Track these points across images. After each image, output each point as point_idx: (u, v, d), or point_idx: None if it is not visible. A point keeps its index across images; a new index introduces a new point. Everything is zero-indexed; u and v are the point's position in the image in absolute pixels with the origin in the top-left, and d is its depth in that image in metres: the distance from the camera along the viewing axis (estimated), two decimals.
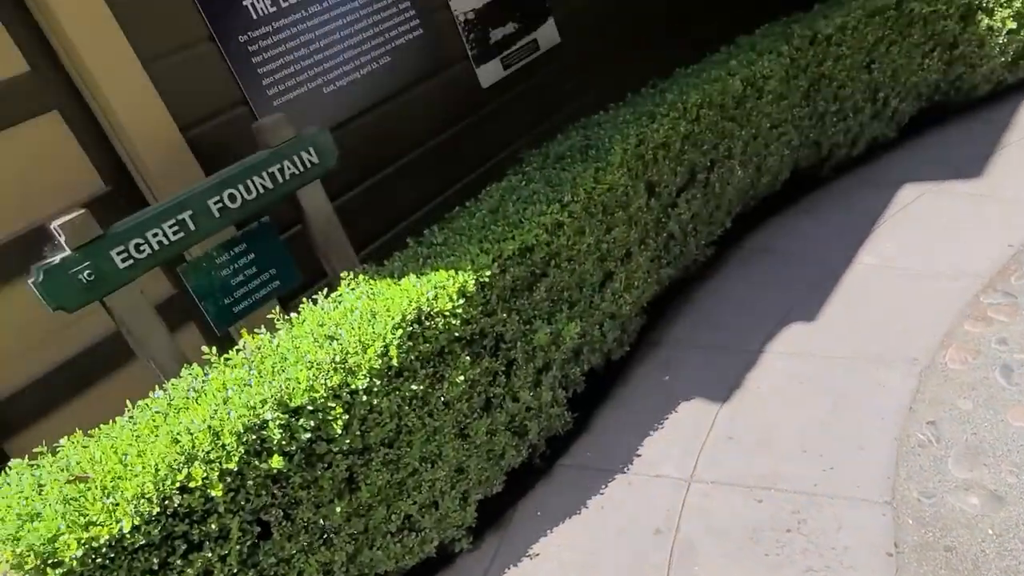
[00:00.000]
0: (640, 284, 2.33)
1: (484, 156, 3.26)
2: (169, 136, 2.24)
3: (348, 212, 2.70)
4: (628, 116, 2.44)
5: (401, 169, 2.91)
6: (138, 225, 1.89)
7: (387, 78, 2.83)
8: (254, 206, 2.09)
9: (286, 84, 2.53)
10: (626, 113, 2.49)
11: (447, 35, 3.05)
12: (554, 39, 3.56)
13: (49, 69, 2.08)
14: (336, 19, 2.65)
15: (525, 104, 3.43)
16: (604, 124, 2.47)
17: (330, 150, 2.24)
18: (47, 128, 2.09)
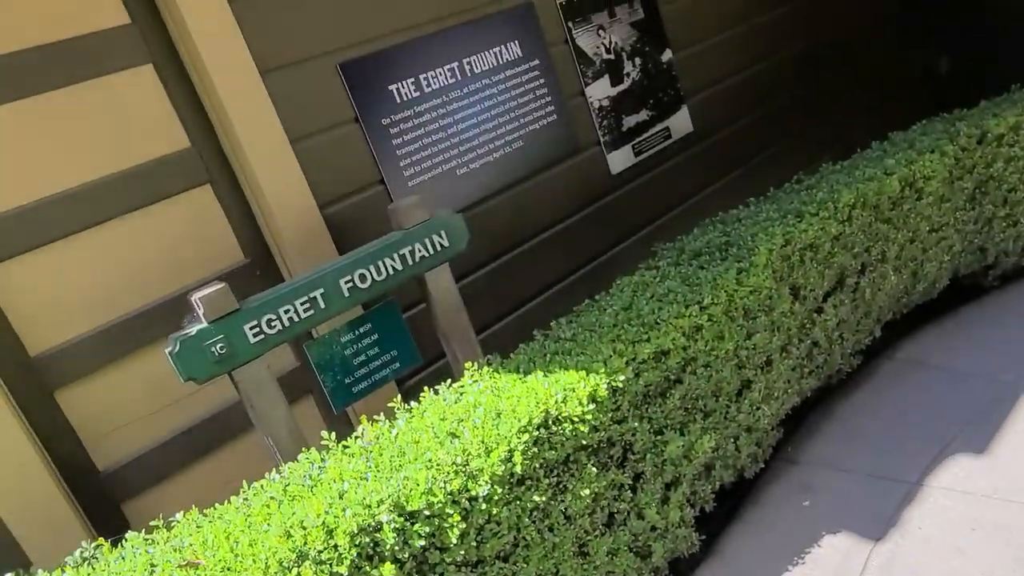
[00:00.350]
0: (780, 395, 2.13)
1: (610, 243, 3.17)
2: (308, 213, 2.29)
3: (471, 293, 2.67)
4: (772, 213, 2.29)
5: (526, 253, 2.87)
6: (272, 301, 1.90)
7: (519, 162, 2.82)
8: (382, 287, 2.08)
9: (422, 166, 2.56)
10: (770, 210, 2.34)
11: (580, 121, 3.04)
12: (687, 127, 3.48)
13: (207, 145, 2.18)
14: (474, 104, 2.69)
15: (654, 192, 3.34)
16: (744, 220, 2.33)
17: (461, 234, 2.21)
18: (199, 200, 2.18)
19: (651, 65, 3.32)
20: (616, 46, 3.17)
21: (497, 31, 2.76)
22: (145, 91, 2.08)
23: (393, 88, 2.48)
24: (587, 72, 3.06)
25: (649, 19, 3.31)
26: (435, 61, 2.59)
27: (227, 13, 2.12)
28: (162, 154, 2.12)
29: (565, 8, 2.98)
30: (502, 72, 2.77)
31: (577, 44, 3.03)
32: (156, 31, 2.09)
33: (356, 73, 2.40)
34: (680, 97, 3.45)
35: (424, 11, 2.56)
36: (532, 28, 2.87)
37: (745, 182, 3.79)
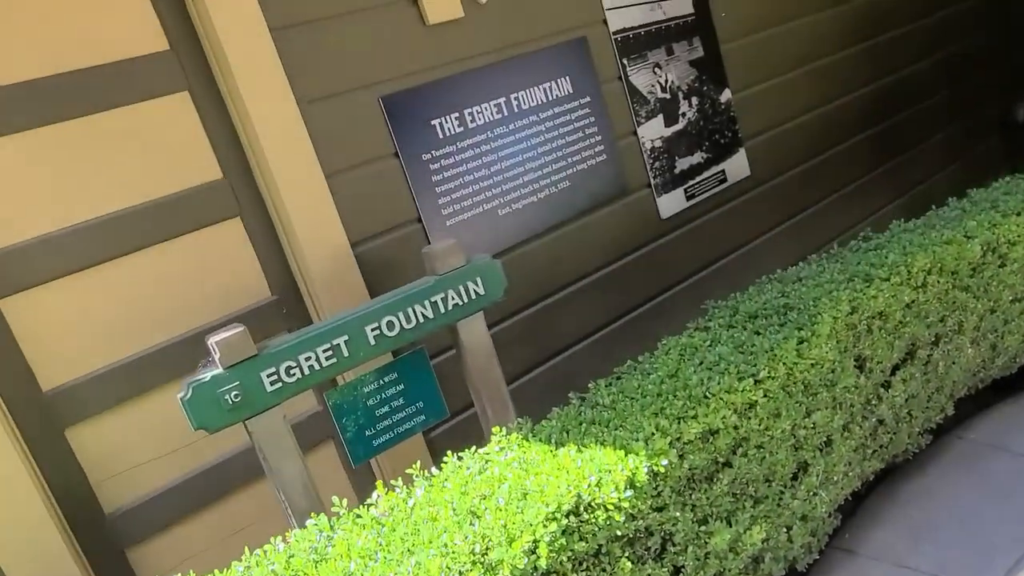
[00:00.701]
0: (840, 479, 1.92)
1: (656, 291, 3.00)
2: (340, 250, 2.19)
3: (507, 339, 2.53)
4: (837, 275, 2.10)
5: (568, 299, 2.72)
6: (292, 347, 1.79)
7: (564, 203, 2.69)
8: (411, 335, 1.95)
9: (462, 204, 2.44)
10: (834, 270, 2.14)
11: (631, 162, 2.89)
12: (743, 171, 3.30)
13: (239, 176, 2.10)
14: (520, 141, 2.57)
15: (705, 238, 3.17)
16: (806, 280, 2.14)
17: (498, 282, 2.08)
18: (228, 233, 2.10)
19: (708, 105, 3.16)
20: (672, 85, 3.03)
21: (547, 66, 2.64)
22: (179, 119, 2.01)
23: (436, 123, 2.38)
24: (640, 111, 2.92)
25: (709, 57, 3.16)
26: (481, 96, 2.48)
27: (267, 41, 2.05)
28: (193, 184, 2.04)
29: (620, 44, 2.85)
30: (551, 109, 2.65)
31: (631, 82, 2.89)
32: (194, 58, 2.02)
33: (398, 106, 2.30)
34: (738, 139, 3.27)
35: (472, 44, 2.46)
36: (584, 64, 2.74)
37: (804, 230, 3.58)
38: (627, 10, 2.87)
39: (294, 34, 2.11)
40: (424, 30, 2.35)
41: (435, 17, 2.35)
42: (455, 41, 2.42)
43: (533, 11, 2.60)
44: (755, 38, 3.36)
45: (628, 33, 2.88)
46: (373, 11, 2.25)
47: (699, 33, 3.11)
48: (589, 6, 2.76)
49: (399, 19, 2.30)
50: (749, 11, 3.33)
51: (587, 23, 2.76)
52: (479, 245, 2.47)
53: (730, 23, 3.23)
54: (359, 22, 2.22)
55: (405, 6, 2.32)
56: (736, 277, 3.28)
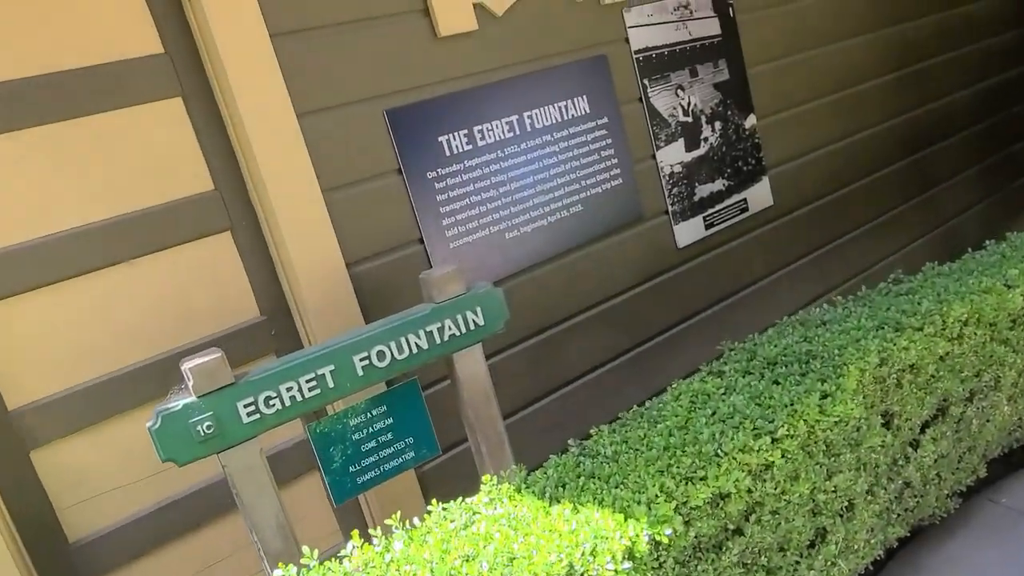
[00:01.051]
0: (861, 547, 1.76)
1: (669, 323, 2.85)
2: (334, 270, 2.07)
3: (509, 369, 2.39)
4: (864, 320, 1.94)
5: (574, 329, 2.58)
6: (272, 376, 1.66)
7: (576, 228, 2.55)
8: (403, 366, 1.82)
9: (467, 226, 2.31)
10: (861, 315, 1.99)
11: (648, 188, 2.75)
12: (766, 201, 3.15)
13: (231, 188, 1.99)
14: (532, 162, 2.44)
15: (723, 269, 3.02)
16: (831, 325, 1.98)
17: (500, 313, 1.94)
18: (217, 248, 1.98)
19: (732, 131, 3.02)
20: (695, 108, 2.89)
21: (564, 84, 2.51)
22: (171, 126, 1.90)
23: (443, 139, 2.25)
24: (660, 134, 2.78)
25: (735, 81, 3.02)
26: (492, 112, 2.35)
27: (267, 47, 1.94)
28: (182, 195, 1.93)
29: (642, 64, 2.72)
30: (566, 129, 2.52)
31: (652, 103, 2.76)
32: (189, 62, 1.91)
33: (404, 121, 2.18)
34: (762, 167, 3.13)
35: (485, 58, 2.34)
36: (603, 83, 2.61)
37: (827, 265, 3.42)
38: (650, 29, 2.74)
39: (296, 41, 2.00)
40: (435, 42, 2.23)
41: (447, 29, 2.23)
42: (467, 55, 2.30)
43: (551, 26, 2.48)
44: (784, 62, 3.21)
45: (651, 53, 2.75)
46: (382, 21, 2.14)
47: (725, 55, 2.98)
48: (611, 23, 2.63)
49: (409, 30, 2.19)
50: (778, 34, 3.19)
51: (608, 40, 2.63)
52: (483, 269, 2.34)
53: (758, 46, 3.09)
54: (367, 31, 2.11)
55: (416, 17, 2.20)
56: (755, 312, 3.12)
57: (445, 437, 2.21)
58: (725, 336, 3.01)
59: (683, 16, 2.83)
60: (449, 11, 2.23)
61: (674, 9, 2.81)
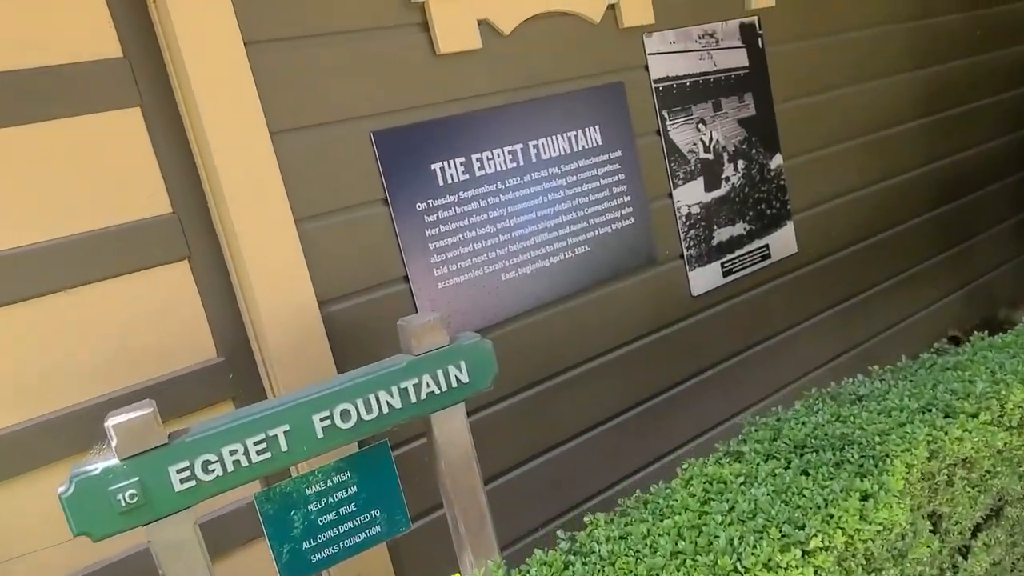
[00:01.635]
0: None
1: (680, 377, 2.60)
2: (304, 310, 1.83)
3: (494, 425, 2.13)
4: (908, 400, 1.68)
5: (573, 382, 2.32)
6: (215, 436, 1.42)
7: (581, 271, 2.31)
8: (370, 428, 1.57)
9: (459, 264, 2.07)
10: (903, 393, 1.73)
11: (662, 229, 2.51)
12: (790, 247, 2.90)
13: (192, 212, 1.76)
14: (535, 196, 2.20)
15: (741, 320, 2.76)
16: (868, 402, 1.72)
17: (487, 368, 1.69)
18: (172, 278, 1.75)
19: (756, 170, 2.78)
20: (717, 144, 2.66)
21: (575, 112, 2.29)
22: (126, 139, 1.68)
23: (436, 167, 2.03)
24: (678, 171, 2.55)
25: (761, 117, 2.79)
26: (494, 140, 2.13)
27: (240, 56, 1.72)
28: (134, 218, 1.70)
29: (661, 94, 2.50)
30: (575, 161, 2.29)
31: (670, 137, 2.53)
32: (151, 69, 1.70)
33: (393, 145, 1.95)
34: (786, 211, 2.88)
35: (489, 80, 2.11)
36: (618, 113, 2.38)
37: (853, 318, 3.16)
38: (672, 57, 2.52)
39: (275, 51, 1.78)
40: (433, 60, 2.01)
41: (448, 46, 2.02)
42: (469, 75, 2.08)
43: (563, 48, 2.26)
44: (814, 100, 2.99)
45: (671, 83, 2.52)
46: (375, 33, 1.92)
47: (752, 89, 2.75)
48: (629, 48, 2.41)
49: (405, 45, 1.97)
50: (810, 69, 2.96)
51: (626, 67, 2.41)
52: (475, 313, 2.10)
53: (787, 80, 2.87)
54: (357, 44, 1.89)
55: (414, 31, 1.99)
56: (773, 368, 2.86)
57: (423, 500, 1.95)
58: (739, 394, 2.75)
59: (708, 45, 2.61)
60: (451, 27, 2.02)
61: (699, 37, 2.59)
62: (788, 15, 2.85)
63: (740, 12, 2.72)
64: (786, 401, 2.88)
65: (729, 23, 2.68)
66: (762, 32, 2.78)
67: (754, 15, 2.75)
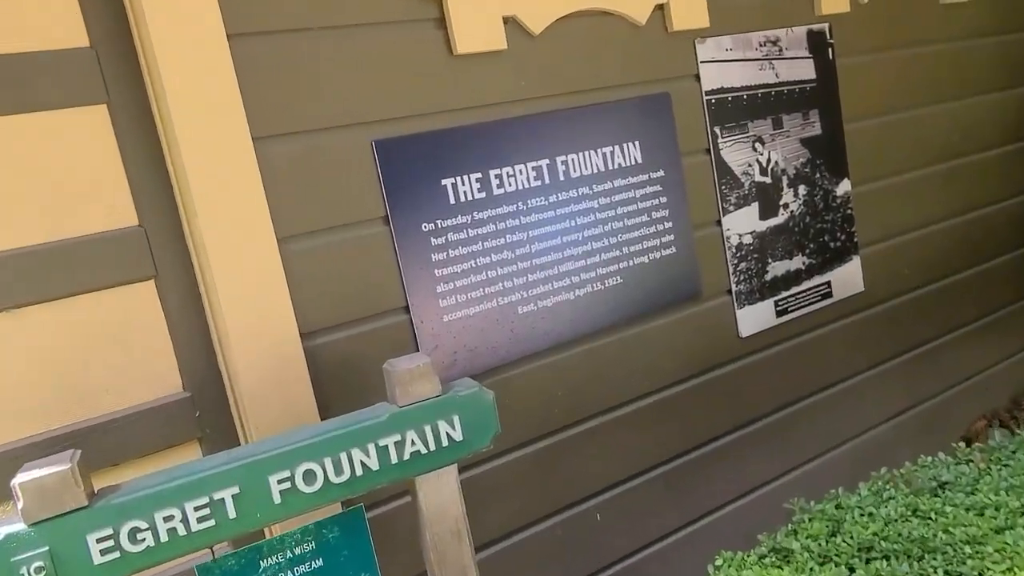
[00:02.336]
0: None
1: (722, 428, 2.28)
2: (283, 341, 1.59)
3: (498, 482, 1.86)
4: (1006, 494, 1.35)
5: (591, 433, 2.04)
6: (146, 499, 1.18)
7: (612, 305, 2.02)
8: (341, 492, 1.32)
9: (468, 294, 1.81)
10: (997, 483, 1.39)
11: (708, 260, 2.21)
12: (856, 285, 2.56)
13: (162, 227, 1.54)
14: (562, 219, 1.93)
15: (794, 367, 2.43)
16: (953, 492, 1.39)
17: (486, 424, 1.43)
18: (136, 301, 1.53)
19: (820, 197, 2.45)
20: (775, 167, 2.34)
21: (613, 125, 2.01)
22: (90, 141, 1.47)
23: (448, 183, 1.77)
24: (729, 196, 2.25)
25: (828, 137, 2.46)
26: (516, 155, 1.86)
27: (222, 51, 1.50)
28: (96, 230, 1.49)
29: (714, 108, 2.20)
30: (609, 181, 2.01)
31: (722, 157, 2.23)
32: (121, 62, 1.49)
33: (398, 156, 1.71)
34: (853, 244, 2.54)
35: (513, 86, 1.86)
36: (663, 128, 2.10)
37: (926, 368, 2.79)
38: (728, 66, 2.22)
39: (263, 45, 1.56)
40: (449, 61, 1.77)
41: (467, 46, 1.77)
42: (491, 79, 1.83)
43: (602, 52, 1.99)
44: (890, 119, 2.64)
45: (726, 95, 2.22)
46: (383, 29, 1.69)
47: (819, 105, 2.43)
48: (679, 55, 2.12)
49: (417, 43, 1.73)
50: (886, 85, 2.62)
51: (674, 76, 2.12)
52: (485, 351, 1.83)
53: (860, 97, 2.53)
54: (360, 40, 1.66)
55: (427, 28, 1.74)
56: (830, 422, 2.52)
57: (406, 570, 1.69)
58: (788, 452, 2.41)
59: (770, 54, 2.30)
60: (471, 24, 1.77)
61: (760, 45, 2.28)
62: (864, 23, 2.52)
63: (809, 17, 2.40)
64: (843, 464, 2.53)
65: (796, 30, 2.37)
66: (833, 41, 2.45)
67: (825, 21, 2.43)
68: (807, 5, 2.40)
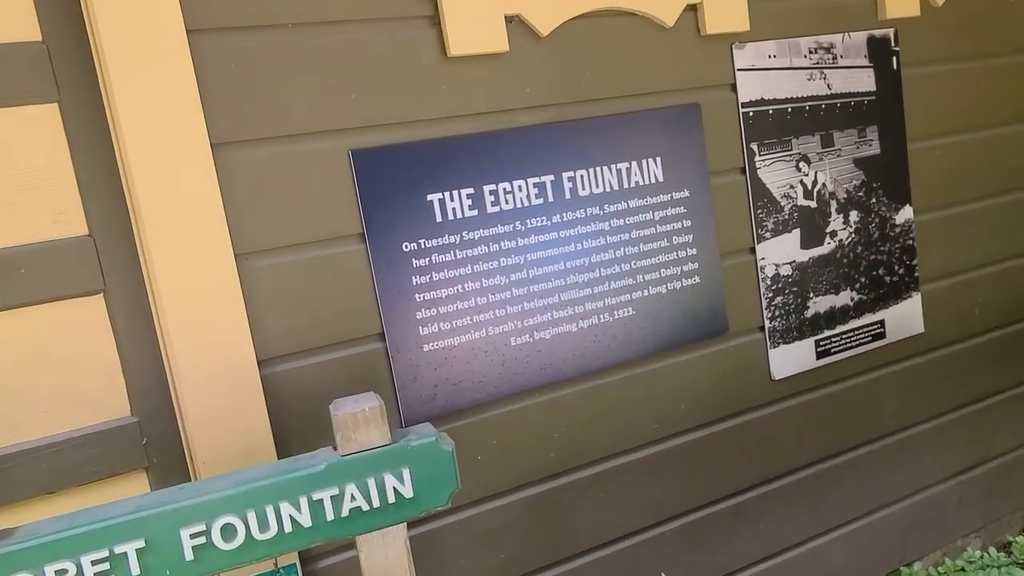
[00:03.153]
0: None
1: (747, 482, 2.03)
2: (238, 368, 1.44)
3: (479, 534, 1.67)
4: None
5: (592, 481, 1.82)
6: (37, 549, 1.05)
7: (622, 339, 1.81)
8: (265, 550, 1.16)
9: (453, 322, 1.63)
10: None
11: (738, 292, 1.96)
12: (914, 326, 2.26)
13: (113, 236, 1.42)
14: (566, 241, 1.73)
15: (835, 416, 2.15)
16: None
17: (444, 479, 1.24)
18: (81, 316, 1.41)
19: (875, 225, 2.17)
20: (822, 189, 2.07)
21: (631, 139, 1.80)
22: (39, 141, 1.36)
23: (435, 198, 1.60)
24: (766, 221, 1.99)
25: (888, 158, 2.17)
26: (516, 168, 1.67)
27: (180, 45, 1.36)
28: (41, 239, 1.38)
29: (751, 122, 1.96)
30: (624, 200, 1.80)
31: (759, 177, 1.98)
32: (75, 59, 1.37)
33: (379, 167, 1.54)
34: (913, 279, 2.24)
35: (515, 92, 1.67)
36: (690, 143, 1.87)
37: (992, 424, 2.45)
38: (770, 75, 1.97)
39: (228, 42, 1.42)
40: (442, 63, 1.59)
41: (462, 47, 1.59)
42: (488, 85, 1.64)
43: (621, 56, 1.78)
44: (962, 139, 2.33)
45: (767, 108, 1.97)
46: (367, 26, 1.53)
47: (878, 121, 2.15)
48: (712, 61, 1.89)
49: (406, 42, 1.56)
50: (959, 100, 2.31)
51: (705, 84, 1.89)
52: (470, 385, 1.65)
53: (928, 113, 2.23)
54: (340, 38, 1.50)
55: (418, 26, 1.57)
56: (877, 478, 2.22)
57: None
58: (826, 511, 2.14)
59: (822, 62, 2.04)
60: (468, 22, 1.59)
61: (811, 52, 2.02)
62: (937, 29, 2.22)
63: (871, 22, 2.13)
64: (893, 527, 2.24)
65: (854, 35, 2.09)
66: (899, 49, 2.17)
67: (890, 27, 2.15)
68: (869, 7, 2.13)
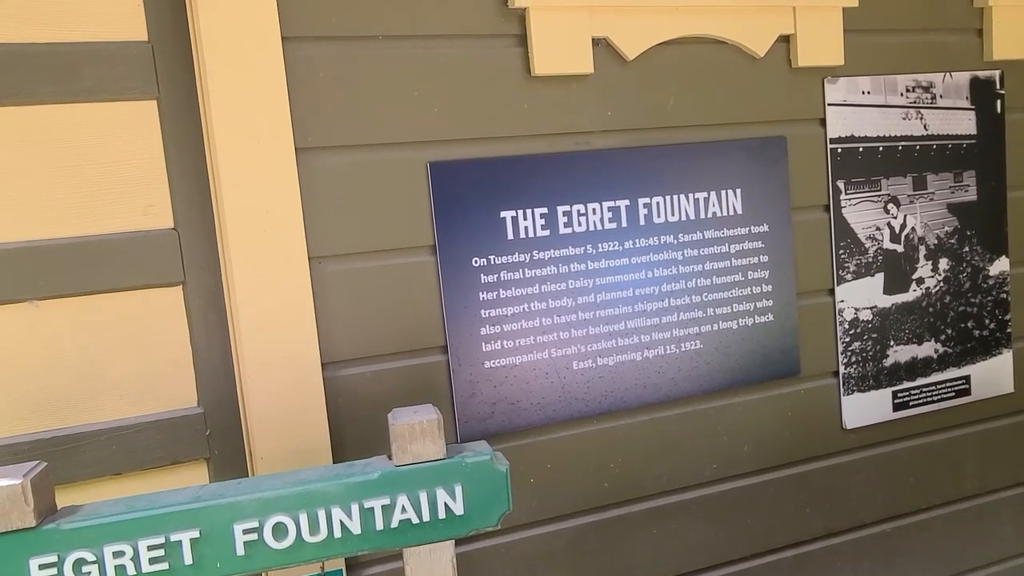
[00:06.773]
0: None
1: (802, 534, 1.93)
2: (303, 367, 1.47)
3: (526, 560, 1.64)
4: None
5: (647, 516, 1.76)
6: (98, 528, 1.08)
7: (688, 372, 1.76)
8: (313, 553, 1.16)
9: (517, 340, 1.62)
10: None
11: (813, 335, 1.88)
12: (1002, 385, 2.12)
13: (197, 234, 1.47)
14: (638, 268, 1.70)
15: (911, 473, 2.03)
16: None
17: (496, 499, 1.23)
18: (159, 306, 1.46)
19: (966, 275, 2.05)
20: (911, 233, 1.98)
21: (712, 169, 1.76)
22: (135, 137, 1.42)
23: (508, 216, 1.59)
24: (848, 262, 1.91)
25: (985, 204, 2.06)
26: (592, 191, 1.66)
27: (274, 51, 1.41)
28: (130, 229, 1.44)
29: (839, 159, 1.88)
30: (699, 231, 1.75)
31: (844, 216, 1.90)
32: (176, 59, 1.43)
33: (455, 181, 1.55)
34: (1005, 335, 2.11)
35: (596, 115, 1.65)
36: (773, 177, 1.81)
37: None
38: (862, 112, 1.90)
39: (320, 51, 1.45)
40: (525, 82, 1.59)
41: (547, 66, 1.59)
42: (570, 106, 1.63)
43: (707, 85, 1.75)
44: None
45: (856, 145, 1.90)
46: (455, 42, 1.55)
47: (976, 166, 2.04)
48: (801, 94, 1.84)
49: (491, 60, 1.57)
50: None
51: (792, 118, 1.84)
52: (528, 406, 1.63)
53: None
54: (427, 53, 1.52)
55: (506, 44, 1.58)
56: (954, 542, 2.08)
57: None
58: (895, 569, 2.01)
59: (920, 101, 1.95)
60: (555, 43, 1.59)
61: (908, 90, 1.94)
62: None
63: (975, 62, 2.03)
64: None
65: (956, 75, 2.00)
66: (1004, 92, 2.05)
67: (996, 68, 2.04)
68: (974, 47, 2.03)
